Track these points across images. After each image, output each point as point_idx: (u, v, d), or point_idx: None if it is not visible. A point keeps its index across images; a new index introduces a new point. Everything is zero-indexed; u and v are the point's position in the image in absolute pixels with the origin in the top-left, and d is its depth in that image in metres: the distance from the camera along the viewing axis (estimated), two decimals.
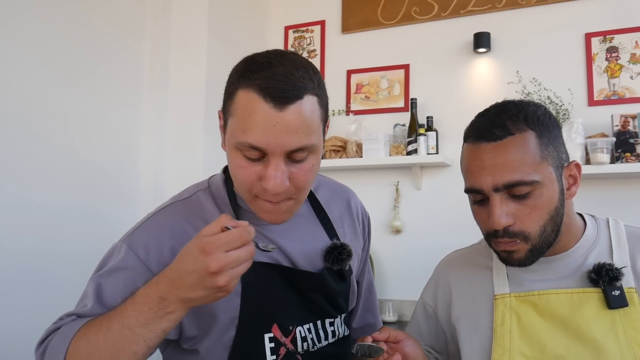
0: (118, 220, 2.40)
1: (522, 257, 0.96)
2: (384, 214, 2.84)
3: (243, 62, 0.93)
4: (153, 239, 0.97)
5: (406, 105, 2.87)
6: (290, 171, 0.89)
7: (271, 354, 0.97)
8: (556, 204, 0.94)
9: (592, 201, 2.43)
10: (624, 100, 2.50)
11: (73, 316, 0.93)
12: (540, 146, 0.93)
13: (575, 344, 0.95)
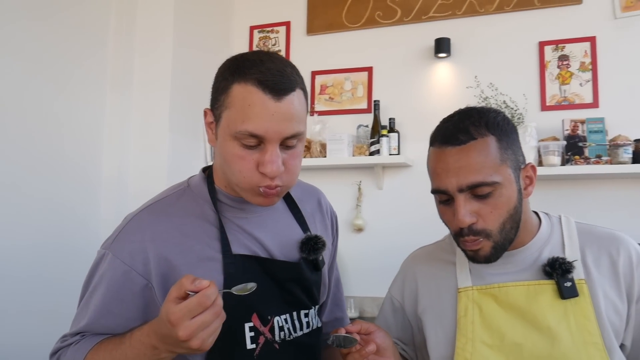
0: (80, 216, 2.38)
1: (487, 254, 1.03)
2: (346, 212, 2.90)
3: (233, 61, 0.99)
4: (135, 243, 1.01)
5: (369, 106, 2.94)
6: (283, 157, 0.96)
7: (251, 342, 1.02)
8: (515, 202, 1.02)
9: (545, 200, 2.55)
10: (573, 106, 2.64)
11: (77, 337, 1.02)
12: (500, 150, 1.00)
13: (531, 331, 1.02)
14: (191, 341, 0.82)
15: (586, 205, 2.56)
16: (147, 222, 1.04)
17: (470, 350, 1.04)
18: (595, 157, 2.42)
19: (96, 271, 1.03)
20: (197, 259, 1.02)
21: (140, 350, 0.91)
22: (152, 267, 1.00)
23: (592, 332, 0.99)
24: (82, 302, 1.05)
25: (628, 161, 2.36)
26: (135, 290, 1.00)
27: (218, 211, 1.06)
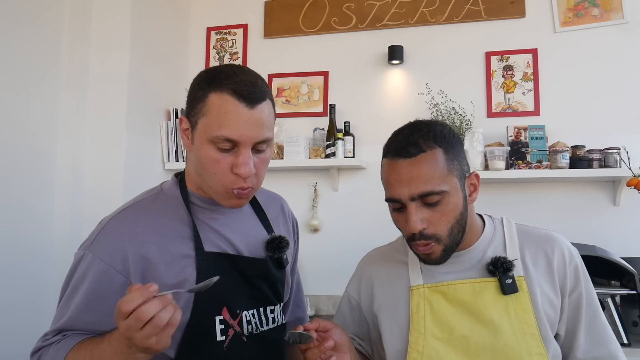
0: (33, 213, 2.34)
1: (438, 257, 1.13)
2: (303, 213, 2.97)
3: (208, 72, 1.08)
4: (114, 243, 1.07)
5: (325, 110, 3.02)
6: (254, 161, 1.06)
7: (221, 334, 1.09)
8: (461, 209, 1.12)
9: (491, 202, 2.71)
10: (517, 113, 2.81)
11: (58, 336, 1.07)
12: (447, 161, 1.10)
13: (477, 324, 1.12)
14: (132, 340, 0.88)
15: (528, 207, 2.73)
16: (124, 224, 1.10)
17: (422, 344, 1.13)
18: (536, 162, 2.59)
19: (76, 271, 1.08)
20: (172, 257, 1.08)
21: (118, 349, 0.96)
22: (130, 266, 1.06)
23: (530, 324, 1.10)
24: (63, 300, 1.09)
25: (565, 166, 2.54)
26: (115, 288, 1.05)
27: (191, 212, 1.13)
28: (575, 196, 2.72)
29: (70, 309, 1.07)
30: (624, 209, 2.65)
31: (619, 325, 2.19)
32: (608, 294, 2.22)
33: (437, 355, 1.12)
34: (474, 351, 1.11)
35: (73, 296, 1.07)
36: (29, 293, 2.28)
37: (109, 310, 1.03)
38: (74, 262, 1.11)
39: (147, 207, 1.15)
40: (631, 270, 2.17)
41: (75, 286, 1.08)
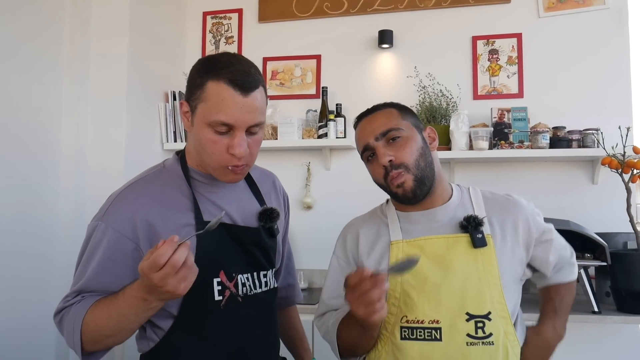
0: (39, 192, 2.45)
1: (412, 186, 1.29)
2: (296, 191, 3.11)
3: (206, 61, 1.20)
4: (124, 213, 1.21)
5: (317, 92, 3.13)
6: (247, 142, 1.19)
7: (218, 294, 1.24)
8: (421, 144, 1.32)
9: (475, 180, 2.85)
10: (501, 95, 2.93)
11: (77, 297, 1.21)
12: (400, 115, 1.35)
13: (448, 274, 1.27)
14: (165, 287, 1.01)
15: (510, 185, 2.87)
16: (132, 196, 1.24)
17: (399, 291, 1.28)
18: (518, 142, 2.72)
19: (90, 240, 1.22)
20: (175, 226, 1.22)
21: (133, 302, 1.10)
22: (139, 233, 1.20)
23: (495, 276, 1.26)
24: (80, 266, 1.23)
25: (546, 146, 2.67)
26: (126, 253, 1.19)
27: (191, 186, 1.27)
28: (555, 175, 2.86)
29: (87, 272, 1.20)
30: (602, 187, 2.80)
31: (590, 295, 2.34)
32: (581, 266, 2.36)
33: (412, 301, 1.26)
34: (444, 297, 1.25)
35: (89, 262, 1.21)
36: (35, 268, 2.40)
37: (121, 273, 1.19)
38: (88, 232, 1.24)
39: (152, 182, 1.28)
40: (602, 243, 2.31)
41: (90, 253, 1.21)
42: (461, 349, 1.22)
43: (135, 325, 1.17)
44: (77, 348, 1.18)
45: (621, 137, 2.43)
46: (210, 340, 1.25)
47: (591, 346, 2.67)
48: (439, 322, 1.24)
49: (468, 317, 1.23)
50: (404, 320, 1.27)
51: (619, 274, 2.37)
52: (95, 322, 1.16)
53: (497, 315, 1.24)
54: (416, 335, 1.25)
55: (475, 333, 1.23)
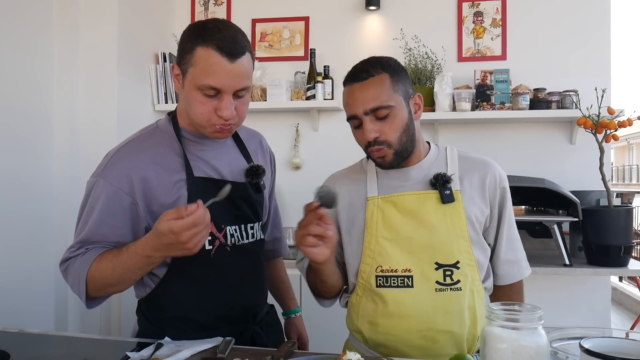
0: (34, 156, 2.51)
1: (391, 159, 1.36)
2: (285, 152, 3.20)
3: (196, 27, 1.27)
4: (121, 170, 1.31)
5: (306, 54, 3.18)
6: (234, 104, 1.28)
7: (208, 244, 1.35)
8: (407, 121, 1.36)
9: (458, 140, 2.95)
10: (485, 58, 3.00)
11: (82, 249, 1.32)
12: (393, 83, 1.34)
13: (419, 227, 1.37)
14: (188, 244, 1.14)
15: (492, 145, 2.97)
16: (128, 154, 1.34)
17: (374, 243, 1.39)
18: (499, 104, 2.80)
19: (90, 195, 1.33)
20: (168, 181, 1.33)
21: (136, 259, 1.23)
22: (135, 188, 1.30)
23: (462, 228, 1.36)
24: (82, 219, 1.34)
25: (526, 107, 2.76)
26: (124, 206, 1.30)
27: (182, 145, 1.37)
28: (535, 135, 2.96)
29: (89, 224, 1.31)
30: (579, 147, 2.90)
31: (562, 249, 2.48)
32: (554, 222, 2.49)
33: (386, 252, 1.37)
34: (416, 249, 1.36)
35: (90, 215, 1.31)
36: (32, 229, 2.47)
37: (120, 224, 1.31)
38: (88, 188, 1.34)
39: (145, 141, 1.38)
40: (575, 200, 2.43)
41: (91, 207, 1.32)
42: (431, 295, 1.34)
43: (137, 277, 1.31)
44: (82, 294, 1.31)
45: (597, 98, 2.52)
46: (202, 286, 1.38)
47: (563, 297, 2.83)
48: (410, 270, 1.35)
49: (437, 266, 1.35)
50: (379, 270, 1.37)
51: (590, 229, 2.50)
52: (100, 272, 1.28)
53: (465, 264, 1.35)
54: (390, 283, 1.36)
55: (443, 280, 1.34)
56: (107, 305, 2.66)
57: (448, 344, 1.33)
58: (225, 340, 1.32)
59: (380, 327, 1.37)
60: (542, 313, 0.94)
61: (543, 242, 2.90)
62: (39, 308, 2.47)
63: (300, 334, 1.74)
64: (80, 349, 1.39)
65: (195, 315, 1.39)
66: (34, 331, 1.50)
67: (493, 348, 0.93)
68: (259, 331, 1.48)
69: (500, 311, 0.95)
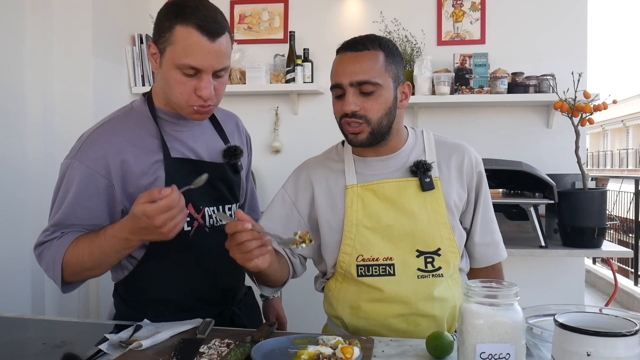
0: (8, 137, 2.46)
1: (365, 138, 1.33)
2: (265, 136, 3.18)
3: (174, 5, 1.25)
4: (96, 152, 1.29)
5: (285, 37, 3.15)
6: (213, 84, 1.26)
7: (187, 225, 1.35)
8: (390, 105, 1.33)
9: (437, 124, 2.97)
10: (464, 42, 3.01)
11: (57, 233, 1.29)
12: (386, 63, 1.31)
13: (399, 215, 1.36)
14: (162, 228, 1.13)
15: (471, 129, 2.99)
16: (103, 136, 1.32)
17: (354, 232, 1.36)
18: (478, 88, 2.82)
19: (64, 177, 1.30)
20: (145, 163, 1.32)
21: (114, 242, 1.22)
22: (111, 170, 1.29)
23: (443, 215, 1.37)
24: (56, 202, 1.31)
25: (504, 91, 2.78)
26: (100, 189, 1.29)
27: (159, 125, 1.35)
28: (513, 119, 2.99)
29: (63, 206, 1.29)
30: (556, 131, 2.94)
31: (538, 231, 2.52)
32: (531, 204, 2.53)
33: (367, 241, 1.36)
34: (397, 237, 1.35)
35: (65, 197, 1.29)
36: (6, 210, 2.44)
37: (95, 207, 1.30)
38: (62, 171, 1.32)
39: (121, 122, 1.36)
40: (551, 183, 2.47)
41: (66, 189, 1.29)
42: (412, 281, 1.34)
43: (115, 261, 1.29)
44: (57, 279, 1.29)
45: (573, 82, 2.55)
46: (181, 267, 1.37)
47: (539, 278, 2.88)
48: (392, 259, 1.35)
49: (418, 253, 1.35)
50: (360, 259, 1.36)
51: (565, 212, 2.55)
52: (76, 257, 1.26)
53: (447, 250, 1.36)
54: (372, 272, 1.35)
55: (425, 267, 1.35)
56: (85, 289, 2.64)
57: (430, 326, 1.34)
58: (205, 321, 1.32)
59: (361, 312, 1.37)
60: (519, 290, 0.96)
61: (520, 225, 2.95)
62: (15, 291, 2.44)
63: (279, 316, 1.75)
64: (57, 332, 1.38)
65: (175, 296, 1.39)
66: (10, 315, 1.48)
67: (470, 324, 0.95)
68: (238, 312, 1.49)
69: (477, 288, 0.97)
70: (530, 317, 1.15)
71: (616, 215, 7.68)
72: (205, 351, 1.14)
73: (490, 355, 0.93)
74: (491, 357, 0.92)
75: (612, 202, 7.86)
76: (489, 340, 0.93)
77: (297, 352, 1.09)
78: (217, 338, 1.22)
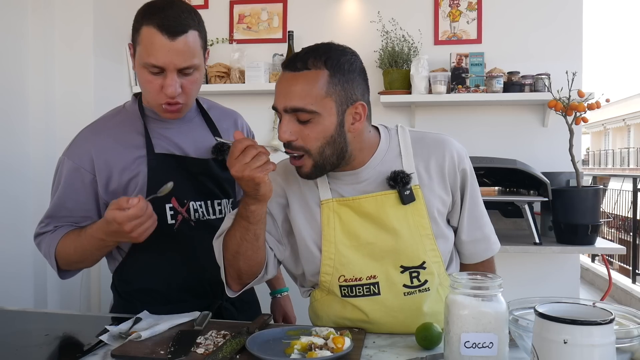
0: (9, 137, 2.50)
1: (308, 171, 1.22)
2: (263, 134, 3.22)
3: (145, 7, 1.32)
4: (83, 148, 1.40)
5: (284, 36, 3.19)
6: (182, 82, 1.32)
7: (171, 218, 1.42)
8: (332, 133, 1.19)
9: (433, 123, 3.00)
10: (461, 41, 3.04)
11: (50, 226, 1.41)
12: (329, 85, 1.17)
13: (380, 232, 1.28)
14: (132, 233, 1.23)
15: (467, 127, 3.02)
16: (91, 134, 1.43)
17: (333, 252, 1.29)
18: (474, 87, 2.85)
19: (57, 172, 1.42)
20: (128, 158, 1.39)
21: (92, 241, 1.33)
22: (96, 166, 1.38)
23: (425, 227, 1.29)
24: (52, 195, 1.43)
25: (500, 90, 2.81)
26: (86, 182, 1.38)
27: (145, 123, 1.42)
28: (509, 118, 3.02)
29: (54, 199, 1.40)
30: (551, 129, 2.98)
31: (533, 228, 2.56)
32: (525, 201, 2.57)
33: (348, 261, 1.28)
34: (378, 254, 1.28)
35: (57, 190, 1.40)
36: (7, 210, 2.48)
37: (84, 199, 1.40)
38: (56, 166, 1.43)
39: (109, 121, 1.46)
40: (545, 180, 2.50)
41: (57, 183, 1.41)
42: (399, 299, 1.29)
43: (97, 257, 1.41)
44: (54, 268, 1.42)
45: (567, 81, 2.58)
46: (166, 259, 1.44)
47: (534, 275, 2.92)
48: (375, 277, 1.28)
49: (402, 269, 1.28)
50: (342, 280, 1.29)
51: (559, 209, 2.58)
52: (65, 251, 1.38)
53: (431, 262, 1.29)
54: (355, 292, 1.29)
55: (410, 283, 1.29)
56: (86, 283, 2.68)
57: None
58: (203, 313, 1.36)
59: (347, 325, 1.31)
60: (502, 281, 1.00)
61: (515, 222, 2.98)
62: (17, 288, 2.48)
63: (286, 314, 1.76)
64: (59, 324, 1.42)
65: (160, 287, 1.45)
66: (13, 308, 1.53)
67: (455, 315, 0.98)
68: (228, 307, 1.52)
69: (462, 280, 1.00)
70: (517, 309, 1.19)
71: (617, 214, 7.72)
72: (202, 342, 1.19)
73: (474, 344, 0.96)
74: (475, 345, 0.96)
75: (613, 201, 7.90)
76: (473, 330, 0.97)
77: (291, 342, 1.13)
78: (214, 330, 1.26)
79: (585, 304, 0.93)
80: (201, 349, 1.15)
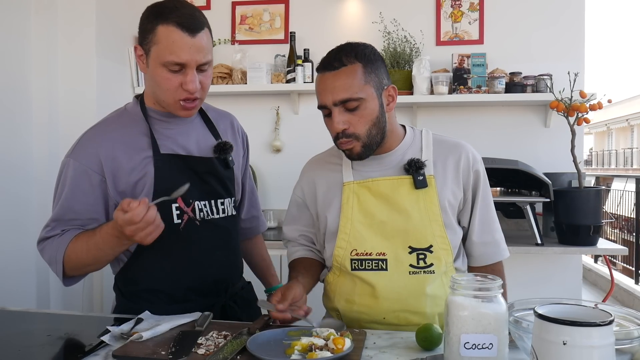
0: (13, 137, 2.51)
1: (359, 152, 1.38)
2: (266, 135, 3.22)
3: (154, 7, 1.33)
4: (90, 150, 1.38)
5: (286, 37, 3.20)
6: (199, 78, 1.33)
7: (177, 218, 1.42)
8: (377, 114, 1.36)
9: (435, 123, 3.00)
10: (463, 42, 3.04)
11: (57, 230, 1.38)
12: (365, 74, 1.33)
13: (393, 212, 1.40)
14: (135, 237, 1.22)
15: (469, 128, 3.03)
16: (96, 135, 1.41)
17: (349, 227, 1.42)
18: (476, 87, 2.85)
19: (62, 174, 1.39)
20: (135, 159, 1.39)
21: (107, 239, 1.30)
22: (104, 167, 1.37)
23: (436, 213, 1.39)
24: (56, 198, 1.40)
25: (501, 91, 2.81)
26: (94, 184, 1.37)
27: (149, 124, 1.42)
28: (510, 118, 3.02)
29: (61, 201, 1.37)
30: (553, 130, 2.98)
31: (534, 229, 2.56)
32: (527, 202, 2.56)
33: (361, 236, 1.41)
34: (390, 233, 1.39)
35: (62, 192, 1.38)
36: (11, 209, 2.49)
37: (92, 201, 1.38)
38: (60, 169, 1.41)
39: (113, 122, 1.45)
40: (546, 181, 2.50)
41: (63, 185, 1.38)
42: (404, 277, 1.38)
43: (111, 257, 1.37)
44: (59, 274, 1.37)
45: (569, 82, 2.58)
46: (172, 259, 1.44)
47: (536, 275, 2.92)
48: (385, 254, 1.39)
49: (410, 250, 1.38)
50: (354, 253, 1.41)
51: (561, 210, 2.58)
52: (76, 254, 1.34)
53: (439, 247, 1.38)
54: (365, 266, 1.40)
55: (417, 263, 1.38)
56: (89, 284, 2.69)
57: (420, 323, 1.36)
58: (204, 314, 1.36)
59: (355, 306, 1.42)
60: (502, 283, 1.00)
61: (517, 223, 2.98)
62: (20, 288, 2.49)
63: None
64: (61, 324, 1.43)
65: (166, 287, 1.45)
66: (15, 308, 1.53)
67: (455, 315, 0.99)
68: (232, 305, 1.53)
69: (462, 281, 1.01)
70: (517, 311, 1.19)
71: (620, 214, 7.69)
72: (203, 342, 1.19)
73: (473, 345, 0.96)
74: (475, 346, 0.96)
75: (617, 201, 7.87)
76: (472, 331, 0.97)
77: (291, 343, 1.13)
78: (215, 330, 1.26)
79: (585, 305, 0.93)
80: (202, 350, 1.15)
